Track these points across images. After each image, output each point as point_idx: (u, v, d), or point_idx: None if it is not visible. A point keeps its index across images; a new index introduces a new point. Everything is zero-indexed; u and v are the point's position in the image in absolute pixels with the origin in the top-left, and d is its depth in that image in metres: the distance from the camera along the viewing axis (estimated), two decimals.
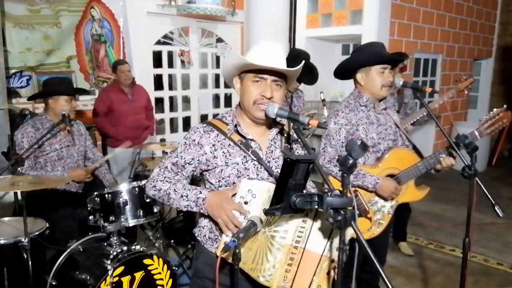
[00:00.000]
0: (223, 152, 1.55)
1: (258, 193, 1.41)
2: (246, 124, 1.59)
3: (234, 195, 1.46)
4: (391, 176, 2.24)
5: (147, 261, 2.40)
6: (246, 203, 1.41)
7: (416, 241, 4.14)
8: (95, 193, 2.66)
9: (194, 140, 1.56)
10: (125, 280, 2.32)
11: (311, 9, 5.65)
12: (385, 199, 2.22)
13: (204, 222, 1.63)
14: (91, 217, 2.60)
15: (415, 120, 3.30)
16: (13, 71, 4.24)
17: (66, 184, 2.84)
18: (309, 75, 3.59)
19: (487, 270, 3.57)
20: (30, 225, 2.38)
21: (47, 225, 2.51)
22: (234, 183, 1.53)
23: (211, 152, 1.55)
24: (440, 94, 3.36)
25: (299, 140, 1.58)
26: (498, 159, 7.26)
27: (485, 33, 7.50)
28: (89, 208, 2.61)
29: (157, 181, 1.58)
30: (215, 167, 1.55)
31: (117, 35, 4.79)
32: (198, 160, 1.56)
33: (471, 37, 7.09)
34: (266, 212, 1.19)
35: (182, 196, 1.52)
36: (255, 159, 1.54)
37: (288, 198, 1.13)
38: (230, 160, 1.54)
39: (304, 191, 1.21)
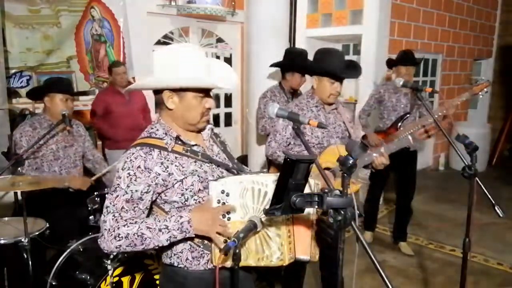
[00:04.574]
0: (175, 166, 1.46)
1: (230, 189, 1.44)
2: (183, 133, 1.54)
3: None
4: (327, 169, 2.37)
5: (147, 261, 2.40)
6: (223, 204, 1.44)
7: (416, 241, 4.14)
8: (95, 193, 2.67)
9: (139, 167, 1.41)
10: (125, 280, 2.32)
11: (311, 9, 5.65)
12: None
13: (179, 247, 1.52)
14: (91, 217, 2.60)
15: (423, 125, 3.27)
16: (13, 71, 4.24)
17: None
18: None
19: (487, 270, 3.57)
20: (30, 225, 2.38)
21: (47, 225, 2.51)
22: (199, 189, 1.48)
23: (163, 171, 1.44)
24: (458, 95, 3.34)
25: (300, 139, 1.57)
26: (498, 159, 7.27)
27: (485, 33, 7.50)
28: (89, 208, 2.61)
29: (118, 228, 1.38)
30: (174, 183, 1.45)
31: (117, 35, 4.78)
32: (155, 183, 1.43)
33: (471, 37, 7.09)
34: (266, 212, 1.19)
35: (160, 230, 1.39)
36: (207, 161, 1.53)
37: (288, 198, 1.13)
38: (187, 171, 1.47)
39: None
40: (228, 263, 1.43)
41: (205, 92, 1.48)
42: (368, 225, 4.13)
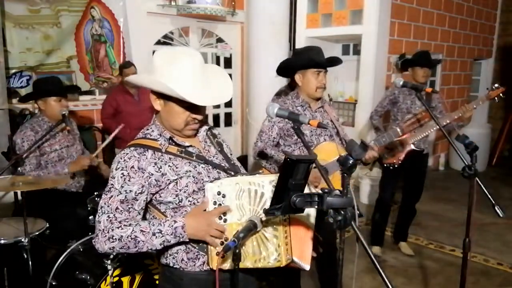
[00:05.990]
0: (169, 166, 1.45)
1: (226, 191, 1.43)
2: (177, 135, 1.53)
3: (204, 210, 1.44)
4: None
5: (147, 261, 2.40)
6: (220, 205, 1.43)
7: (416, 241, 4.14)
8: (95, 193, 2.67)
9: (132, 167, 1.41)
10: (125, 280, 2.32)
11: (311, 9, 5.65)
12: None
13: (174, 248, 1.50)
14: (91, 217, 2.60)
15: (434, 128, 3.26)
16: (13, 71, 4.25)
17: (66, 184, 2.84)
18: None
19: (487, 270, 3.57)
20: (30, 225, 2.38)
21: (47, 225, 2.51)
22: (194, 191, 1.47)
23: (156, 171, 1.43)
24: (484, 98, 3.37)
25: (300, 139, 1.57)
26: (498, 159, 7.27)
27: (485, 33, 7.50)
28: (89, 208, 2.61)
29: (112, 229, 1.37)
30: (168, 183, 1.44)
31: (117, 35, 4.79)
32: (148, 183, 1.43)
33: (471, 37, 7.09)
34: (266, 212, 1.19)
35: (154, 234, 1.38)
36: (202, 162, 1.52)
37: (288, 198, 1.13)
38: (181, 171, 1.46)
39: None
40: (226, 265, 1.42)
41: (188, 103, 1.39)
42: (376, 239, 3.85)
